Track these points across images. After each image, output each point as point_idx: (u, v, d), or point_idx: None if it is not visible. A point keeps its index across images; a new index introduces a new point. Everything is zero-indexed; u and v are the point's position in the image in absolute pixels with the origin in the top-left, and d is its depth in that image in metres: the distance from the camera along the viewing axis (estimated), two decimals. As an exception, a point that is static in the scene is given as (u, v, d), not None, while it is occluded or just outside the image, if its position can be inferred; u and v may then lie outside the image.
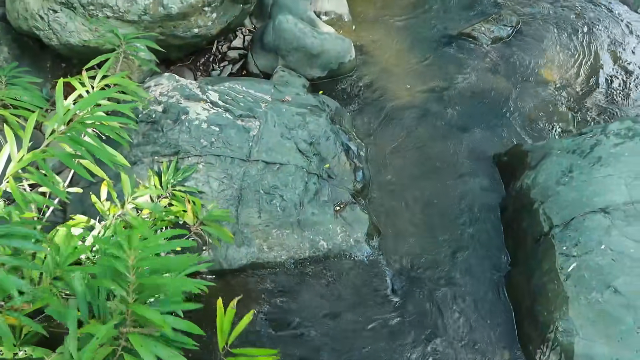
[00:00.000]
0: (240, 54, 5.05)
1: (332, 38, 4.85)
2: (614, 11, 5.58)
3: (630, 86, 4.89)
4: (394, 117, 4.61)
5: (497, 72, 4.97)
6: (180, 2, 4.08)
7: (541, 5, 5.66)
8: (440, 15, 5.53)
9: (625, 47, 5.22)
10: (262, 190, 3.60)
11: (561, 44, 5.20)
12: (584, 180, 3.52)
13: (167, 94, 3.84)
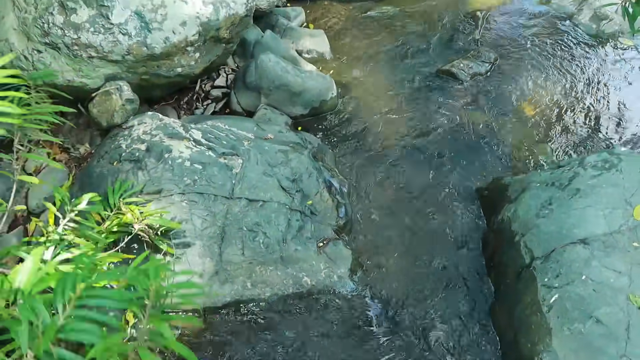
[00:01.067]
0: (224, 93, 5.10)
1: (313, 76, 4.92)
2: (589, 47, 5.71)
3: (605, 119, 4.99)
4: (376, 153, 4.66)
5: (476, 108, 5.05)
6: (164, 42, 4.13)
7: (518, 41, 5.78)
8: (420, 53, 5.62)
9: (600, 82, 5.34)
10: (245, 228, 3.61)
11: (538, 79, 5.31)
12: (563, 212, 3.57)
13: (151, 133, 3.87)
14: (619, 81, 5.38)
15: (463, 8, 6.24)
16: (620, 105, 5.14)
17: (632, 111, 5.08)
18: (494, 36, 5.84)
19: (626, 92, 5.27)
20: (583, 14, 6.09)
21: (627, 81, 5.38)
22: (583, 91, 5.25)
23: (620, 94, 5.26)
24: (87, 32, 3.97)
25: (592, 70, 5.47)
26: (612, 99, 5.20)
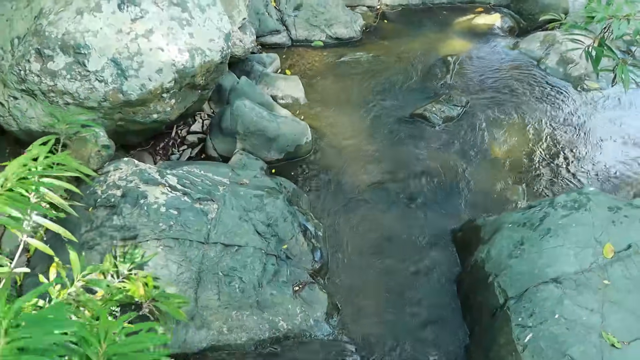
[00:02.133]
0: (200, 138, 5.15)
1: (288, 121, 4.99)
2: (557, 90, 5.86)
3: (574, 160, 5.10)
4: (350, 196, 4.71)
5: (449, 150, 5.14)
6: (140, 89, 4.18)
7: (489, 85, 5.93)
8: (394, 97, 5.74)
9: (567, 124, 5.47)
10: (221, 273, 3.62)
11: (509, 122, 5.42)
12: (535, 252, 3.63)
13: (126, 179, 3.88)
14: (585, 123, 5.52)
15: (435, 53, 6.39)
16: (587, 146, 5.26)
17: (599, 152, 5.21)
18: (465, 80, 5.98)
19: (592, 134, 5.40)
20: (550, 58, 6.27)
21: (593, 123, 5.52)
22: (552, 133, 5.37)
23: (586, 135, 5.39)
24: (64, 79, 4.01)
25: (559, 113, 5.61)
26: (579, 140, 5.33)
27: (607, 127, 5.49)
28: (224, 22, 4.69)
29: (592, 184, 4.88)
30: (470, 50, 6.50)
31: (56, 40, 3.99)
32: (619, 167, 5.07)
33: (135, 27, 4.20)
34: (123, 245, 3.50)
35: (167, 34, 4.30)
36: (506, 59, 6.40)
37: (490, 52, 6.52)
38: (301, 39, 6.56)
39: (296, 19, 6.60)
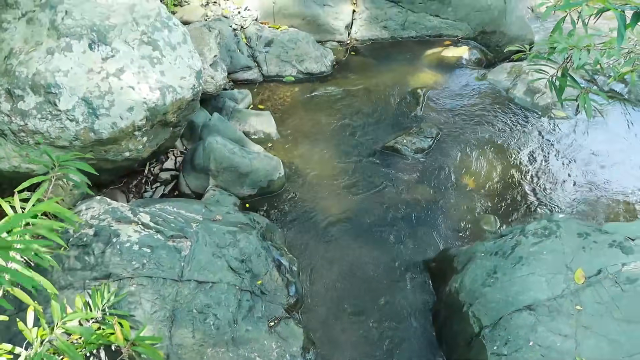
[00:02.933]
0: (172, 175, 5.14)
1: (261, 157, 5.01)
2: (525, 120, 5.96)
3: (543, 187, 5.18)
4: (324, 230, 4.73)
5: (421, 182, 5.19)
6: (111, 127, 4.18)
7: (459, 116, 6.01)
8: (365, 130, 5.79)
9: (536, 152, 5.56)
10: (195, 310, 3.59)
11: (479, 152, 5.50)
12: (507, 280, 3.67)
13: (99, 217, 3.86)
14: (553, 151, 5.62)
15: (405, 86, 6.47)
16: (557, 174, 5.35)
17: (568, 178, 5.30)
18: (435, 112, 6.06)
19: (561, 161, 5.50)
20: (517, 88, 6.39)
21: (561, 151, 5.62)
22: (522, 161, 5.45)
23: (555, 162, 5.49)
24: (35, 119, 4.01)
25: (529, 142, 5.70)
26: (548, 167, 5.42)
27: (576, 154, 5.59)
28: (195, 59, 4.73)
29: (562, 210, 4.96)
30: (439, 82, 6.60)
31: (26, 80, 3.99)
32: (588, 193, 5.17)
33: (106, 66, 4.22)
34: (96, 286, 3.47)
35: (138, 73, 4.33)
36: (475, 90, 6.51)
37: (459, 84, 6.63)
38: (272, 74, 6.62)
39: (267, 55, 6.66)
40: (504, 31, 7.69)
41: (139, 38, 4.43)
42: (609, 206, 5.06)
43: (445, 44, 7.31)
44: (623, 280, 3.43)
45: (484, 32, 7.56)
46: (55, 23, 4.16)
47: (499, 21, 7.61)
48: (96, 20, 4.27)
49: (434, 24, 7.33)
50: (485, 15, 7.47)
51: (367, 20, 7.24)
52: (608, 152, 5.64)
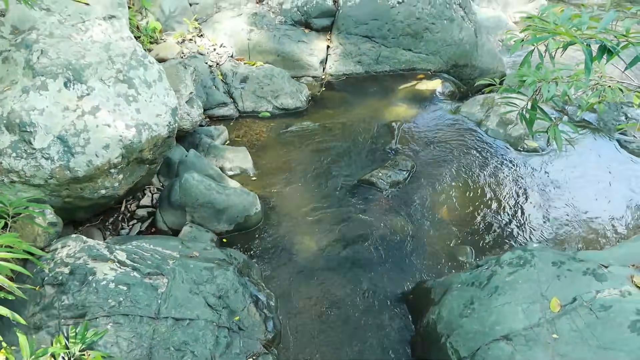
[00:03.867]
0: (149, 212, 5.13)
1: (237, 193, 5.03)
2: (499, 151, 6.05)
3: (518, 217, 5.25)
4: (301, 265, 4.73)
5: (397, 214, 5.22)
6: (87, 165, 4.18)
7: (433, 148, 6.08)
8: (341, 164, 5.84)
9: (510, 183, 5.64)
10: (173, 347, 3.56)
11: (454, 184, 5.56)
12: (484, 310, 3.69)
13: (74, 256, 3.83)
14: (526, 181, 5.70)
15: (380, 120, 6.55)
16: (530, 203, 5.43)
17: (541, 208, 5.37)
18: (410, 145, 6.13)
19: (534, 191, 5.58)
20: (490, 120, 6.49)
21: (534, 181, 5.70)
22: (496, 192, 5.52)
23: (529, 192, 5.57)
24: (9, 158, 4.00)
25: (502, 173, 5.78)
26: (521, 198, 5.49)
27: (549, 183, 5.68)
28: (171, 97, 4.76)
29: (536, 239, 5.02)
30: (413, 115, 6.69)
31: (1, 119, 4.00)
32: (562, 222, 5.24)
33: (82, 105, 4.24)
34: (73, 325, 3.44)
35: (114, 110, 4.35)
36: (449, 122, 6.60)
37: (433, 117, 6.72)
38: (248, 110, 6.67)
39: (243, 91, 6.72)
40: (476, 64, 7.84)
41: (114, 76, 4.46)
42: (582, 234, 5.14)
43: (418, 77, 7.42)
44: (597, 307, 3.47)
45: (457, 65, 7.70)
46: (30, 62, 4.18)
47: (471, 54, 7.76)
48: (72, 59, 4.30)
49: (407, 58, 7.44)
50: (457, 49, 7.61)
51: (341, 56, 7.35)
52: (580, 181, 5.75)
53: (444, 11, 7.47)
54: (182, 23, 7.46)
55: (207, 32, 7.50)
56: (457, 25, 7.59)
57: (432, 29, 7.39)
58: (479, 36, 7.94)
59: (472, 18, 8.05)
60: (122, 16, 4.89)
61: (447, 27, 7.49)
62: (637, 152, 6.21)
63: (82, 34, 4.51)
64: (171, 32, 7.34)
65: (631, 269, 3.76)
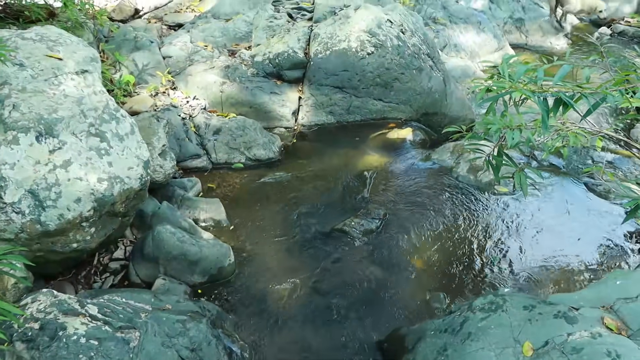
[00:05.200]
0: (122, 265, 5.10)
1: (210, 244, 5.03)
2: (470, 197, 6.14)
3: (489, 263, 5.30)
4: (275, 315, 4.71)
5: (371, 263, 5.25)
6: (58, 219, 4.17)
7: (405, 196, 6.15)
8: (314, 214, 5.87)
9: (482, 229, 5.71)
10: (146, 402, 3.52)
11: (426, 231, 5.61)
12: (458, 357, 3.69)
13: (45, 311, 3.79)
14: (497, 226, 5.78)
15: (352, 169, 6.63)
16: (502, 248, 5.50)
17: (512, 253, 5.44)
18: (382, 193, 6.20)
19: (504, 236, 5.65)
20: (461, 166, 6.60)
21: (505, 226, 5.78)
22: (468, 238, 5.58)
23: (499, 238, 5.64)
24: (-21, 213, 3.99)
25: (474, 218, 5.86)
26: (493, 243, 5.56)
27: (519, 228, 5.76)
28: (143, 150, 4.80)
29: (508, 283, 5.07)
30: (385, 164, 6.78)
31: (-29, 175, 3.99)
32: (532, 266, 5.30)
33: (54, 158, 4.25)
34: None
35: (86, 164, 4.36)
36: (420, 170, 6.70)
37: (405, 165, 6.82)
38: (221, 161, 6.70)
39: (216, 142, 6.77)
40: (446, 112, 8.00)
41: (86, 130, 4.49)
42: (553, 277, 5.20)
43: (389, 126, 7.54)
44: (569, 350, 3.50)
45: (427, 113, 7.84)
46: (2, 117, 4.20)
47: (440, 103, 7.93)
48: (44, 114, 4.33)
49: (378, 107, 7.57)
50: (427, 98, 7.76)
51: (313, 106, 7.45)
52: (550, 224, 5.84)
53: (413, 61, 7.64)
54: (155, 76, 7.54)
55: (180, 84, 7.59)
56: (426, 75, 7.76)
57: (401, 78, 7.54)
58: (447, 85, 8.12)
59: (441, 67, 8.25)
60: (94, 70, 4.95)
61: (416, 77, 7.65)
62: (604, 195, 6.34)
63: (55, 88, 4.56)
64: (145, 85, 7.41)
65: (601, 310, 3.81)
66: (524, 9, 12.75)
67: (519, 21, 12.59)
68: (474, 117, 8.27)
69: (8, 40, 4.75)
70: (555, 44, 12.20)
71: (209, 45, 8.14)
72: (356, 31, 7.50)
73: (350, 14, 7.74)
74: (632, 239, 5.70)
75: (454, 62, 10.21)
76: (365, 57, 7.41)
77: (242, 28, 8.53)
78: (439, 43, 10.23)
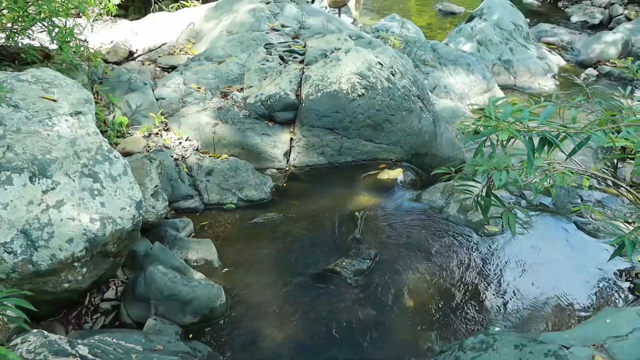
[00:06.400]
0: (113, 305, 5.08)
1: (202, 285, 5.03)
2: (460, 236, 6.19)
3: (480, 302, 5.32)
4: (267, 356, 4.70)
5: (362, 303, 5.25)
6: (50, 259, 4.18)
7: (396, 236, 6.19)
8: (305, 254, 5.89)
9: (472, 268, 5.74)
10: None
11: (417, 271, 5.63)
12: (449, 397, 3.70)
13: (34, 351, 3.77)
14: (488, 265, 5.82)
15: (343, 210, 6.66)
16: (493, 288, 5.52)
17: (503, 291, 5.47)
18: (373, 233, 6.22)
19: (495, 275, 5.69)
20: (451, 207, 6.65)
21: (495, 265, 5.82)
22: (459, 278, 5.61)
23: (490, 277, 5.67)
24: (-30, 254, 3.99)
25: (464, 258, 5.89)
26: (484, 281, 5.59)
27: (509, 267, 5.80)
28: (135, 190, 4.83)
29: (499, 322, 5.08)
30: (376, 204, 6.83)
31: (-36, 216, 4.01)
32: (523, 304, 5.33)
33: (47, 199, 4.29)
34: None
35: (79, 204, 4.40)
36: (410, 210, 6.75)
37: (395, 205, 6.87)
38: (214, 202, 6.73)
39: (208, 183, 6.81)
40: (436, 153, 8.09)
41: (80, 171, 4.54)
42: (543, 315, 5.22)
43: (380, 167, 7.60)
44: (560, 389, 3.52)
45: (417, 154, 7.92)
46: (-4, 157, 4.24)
47: (430, 143, 8.01)
48: (38, 154, 4.38)
49: (368, 148, 7.64)
50: (417, 139, 7.85)
51: (305, 148, 7.52)
52: (540, 263, 5.88)
53: (403, 102, 7.74)
54: (148, 117, 7.61)
55: (173, 125, 7.66)
56: (416, 116, 7.86)
57: (392, 120, 7.63)
58: (437, 125, 8.22)
59: (431, 108, 8.36)
60: (88, 112, 5.02)
61: (406, 118, 7.75)
62: (594, 233, 6.41)
63: (49, 129, 4.61)
64: (138, 126, 7.47)
65: (592, 349, 3.83)
66: (512, 51, 12.98)
67: (507, 63, 12.81)
68: (464, 157, 8.36)
69: (4, 82, 4.83)
70: (543, 85, 12.40)
71: (201, 87, 8.23)
72: (347, 73, 7.61)
73: (341, 57, 7.86)
74: (621, 276, 5.75)
75: (443, 103, 10.35)
76: (356, 98, 7.51)
77: (235, 70, 8.64)
78: (428, 84, 10.38)
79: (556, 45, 14.72)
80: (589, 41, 14.18)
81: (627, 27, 14.60)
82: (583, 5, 17.96)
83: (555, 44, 14.76)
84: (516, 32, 13.27)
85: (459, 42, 13.34)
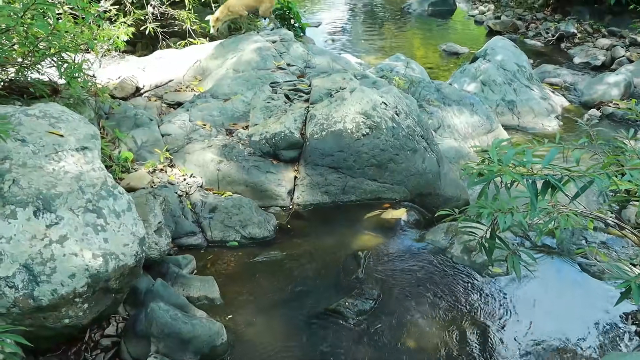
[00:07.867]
0: (113, 342, 5.04)
1: (203, 323, 4.99)
2: (464, 277, 6.15)
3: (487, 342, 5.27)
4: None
5: (364, 344, 5.20)
6: (51, 294, 4.17)
7: (399, 276, 6.15)
8: (307, 294, 5.85)
9: (476, 309, 5.70)
10: None
11: (420, 311, 5.59)
12: None
13: (33, 389, 3.75)
14: (492, 307, 5.76)
15: (346, 249, 6.64)
16: (496, 330, 5.46)
17: (508, 334, 5.41)
18: (376, 273, 6.18)
19: (500, 316, 5.63)
20: (455, 247, 6.63)
21: (500, 307, 5.77)
22: (463, 319, 5.56)
23: (495, 318, 5.61)
24: (-28, 288, 3.98)
25: (468, 299, 5.85)
26: (488, 324, 5.53)
27: (514, 309, 5.74)
28: (139, 227, 4.84)
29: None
30: (379, 244, 6.81)
31: (-33, 249, 4.01)
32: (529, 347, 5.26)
33: (50, 234, 4.29)
34: None
35: (82, 240, 4.40)
36: (414, 250, 6.72)
37: (399, 245, 6.84)
38: (217, 239, 6.72)
39: (212, 220, 6.81)
40: (440, 193, 8.07)
41: (84, 206, 4.55)
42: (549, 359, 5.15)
43: (384, 206, 7.58)
44: None
45: (421, 194, 7.92)
46: (1, 191, 4.26)
47: (434, 183, 8.01)
48: (42, 189, 4.39)
49: (372, 187, 7.65)
50: (421, 179, 7.85)
51: (309, 186, 7.53)
52: (546, 305, 5.83)
53: (407, 142, 7.77)
54: (153, 153, 7.65)
55: (177, 162, 7.69)
56: (420, 156, 7.88)
57: (396, 159, 7.65)
58: (441, 165, 8.23)
59: (435, 148, 8.38)
60: (94, 147, 5.05)
61: (410, 158, 7.76)
62: (599, 275, 6.36)
63: (55, 164, 4.64)
64: (143, 161, 7.51)
65: (597, 394, 3.79)
66: (516, 92, 13.04)
67: (511, 103, 12.86)
68: (467, 197, 8.34)
69: (12, 116, 4.87)
70: (547, 125, 12.43)
71: (207, 124, 8.30)
72: (352, 113, 7.66)
73: (346, 96, 7.92)
74: (628, 320, 5.68)
75: (447, 143, 10.36)
76: (361, 138, 7.54)
77: (240, 108, 8.71)
78: (432, 124, 10.41)
79: (559, 86, 14.78)
80: (592, 82, 14.25)
81: (629, 68, 14.66)
82: (585, 47, 18.11)
83: (559, 85, 14.82)
84: (520, 73, 13.35)
85: (463, 82, 13.41)
